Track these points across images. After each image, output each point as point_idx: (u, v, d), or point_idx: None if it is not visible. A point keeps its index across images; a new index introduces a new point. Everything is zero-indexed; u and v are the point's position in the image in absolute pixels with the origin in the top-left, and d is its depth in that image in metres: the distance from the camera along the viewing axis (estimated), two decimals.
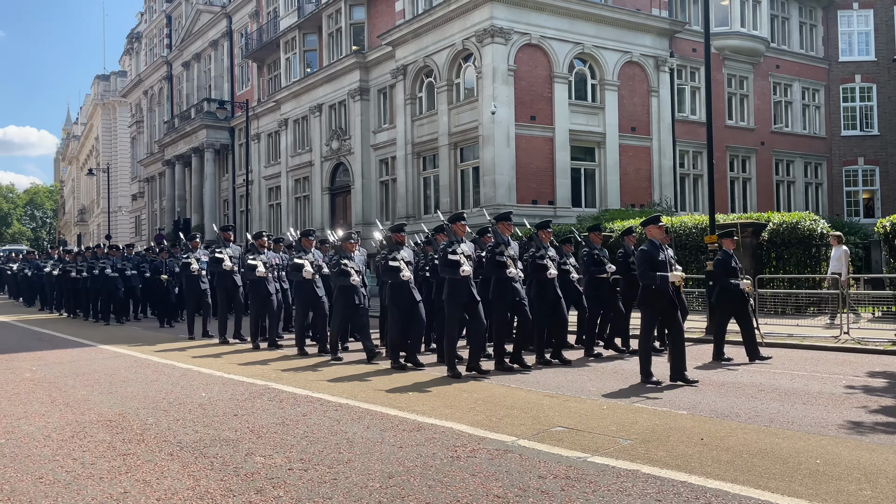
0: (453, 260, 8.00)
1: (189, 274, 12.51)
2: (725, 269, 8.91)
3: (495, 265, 8.26)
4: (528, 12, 20.22)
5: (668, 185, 22.71)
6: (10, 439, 5.44)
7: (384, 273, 9.16)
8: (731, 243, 9.19)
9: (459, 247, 8.11)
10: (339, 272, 9.33)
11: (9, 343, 12.31)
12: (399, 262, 8.65)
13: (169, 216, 39.75)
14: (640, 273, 7.37)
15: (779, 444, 4.99)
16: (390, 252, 8.85)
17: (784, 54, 26.76)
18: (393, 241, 9.02)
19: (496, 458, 4.70)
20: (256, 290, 10.92)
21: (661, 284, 7.25)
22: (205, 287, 12.64)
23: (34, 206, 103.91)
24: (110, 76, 62.07)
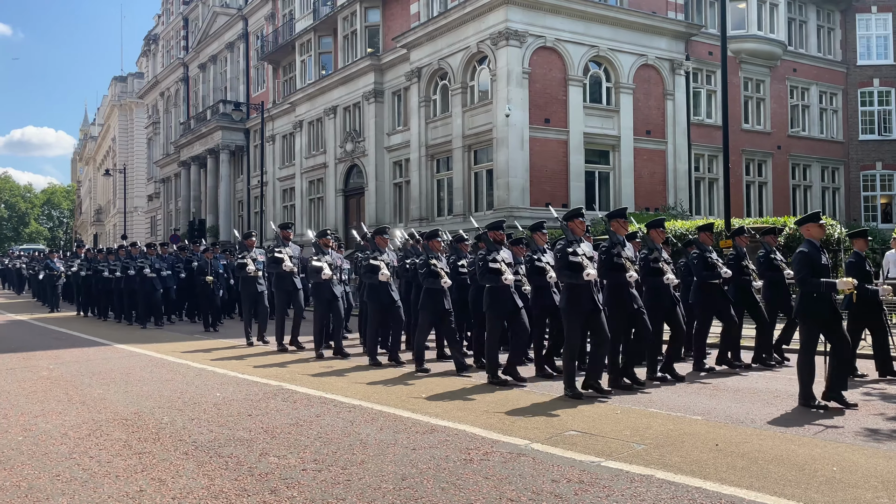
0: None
1: (245, 275, 11.55)
2: (860, 273, 7.72)
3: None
4: (543, 15, 20.20)
5: (683, 188, 22.59)
6: (28, 437, 5.50)
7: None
8: (864, 244, 8.08)
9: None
10: (429, 273, 8.57)
11: (26, 341, 12.44)
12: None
13: (184, 217, 40.04)
14: (801, 279, 6.42)
15: (795, 450, 4.95)
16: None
17: (801, 58, 26.55)
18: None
19: (509, 462, 4.70)
20: (320, 293, 9.96)
21: (827, 292, 6.34)
22: (261, 289, 11.72)
23: (51, 205, 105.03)
24: (127, 78, 62.66)
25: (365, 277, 9.32)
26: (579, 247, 7.02)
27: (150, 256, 15.18)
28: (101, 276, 16.63)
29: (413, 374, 8.37)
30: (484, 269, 7.75)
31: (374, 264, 9.04)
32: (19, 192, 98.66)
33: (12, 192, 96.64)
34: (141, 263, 14.89)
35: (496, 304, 7.65)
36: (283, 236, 11.05)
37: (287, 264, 10.55)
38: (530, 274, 8.12)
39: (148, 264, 14.86)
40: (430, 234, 9.04)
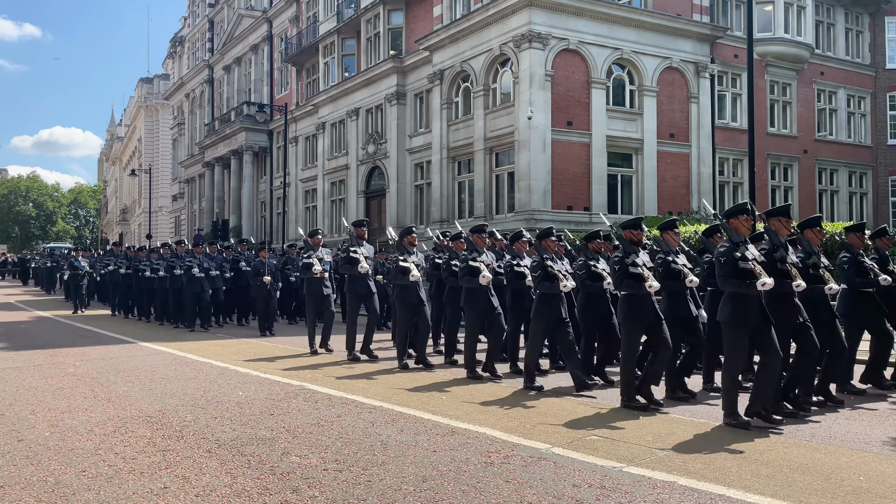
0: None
1: (310, 276, 10.63)
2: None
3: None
4: (566, 17, 20.13)
5: (707, 192, 22.36)
6: (55, 433, 5.59)
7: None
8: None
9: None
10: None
11: (53, 339, 12.64)
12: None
13: (208, 217, 40.45)
14: None
15: (820, 459, 4.88)
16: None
17: (829, 61, 26.17)
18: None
19: (530, 466, 4.68)
20: (407, 297, 9.11)
21: None
22: (328, 292, 10.79)
23: (78, 205, 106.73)
24: (154, 79, 63.50)
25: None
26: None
27: (198, 255, 14.35)
28: (141, 275, 16.01)
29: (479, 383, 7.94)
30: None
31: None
32: (47, 191, 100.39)
33: (40, 192, 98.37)
34: (189, 263, 14.09)
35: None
36: (358, 235, 10.08)
37: (363, 265, 9.55)
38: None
39: (196, 264, 14.04)
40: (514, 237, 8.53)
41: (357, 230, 10.17)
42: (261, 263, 13.76)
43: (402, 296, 9.12)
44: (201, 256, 14.38)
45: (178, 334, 13.26)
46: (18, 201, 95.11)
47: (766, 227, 6.31)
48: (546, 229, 8.00)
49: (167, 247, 16.36)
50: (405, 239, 9.30)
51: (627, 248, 6.76)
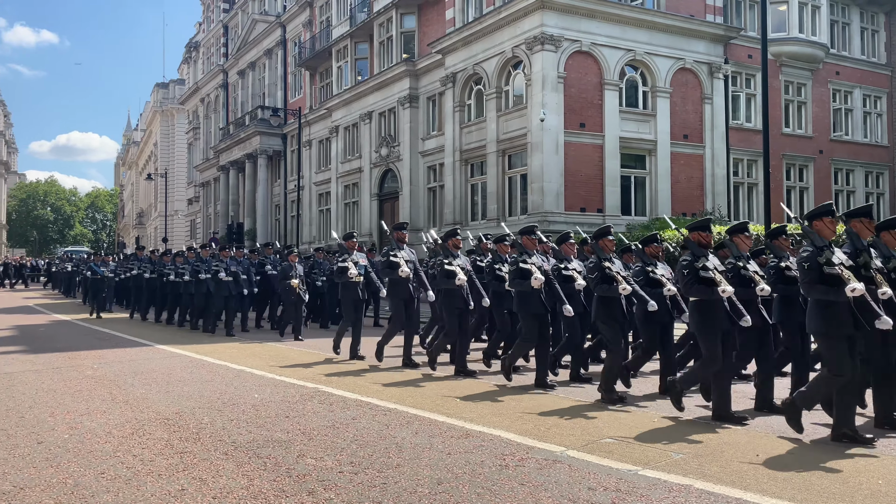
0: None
1: (345, 281, 10.18)
2: None
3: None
4: (578, 19, 20.11)
5: (721, 193, 22.24)
6: (74, 435, 5.66)
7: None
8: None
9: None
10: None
11: (71, 342, 12.78)
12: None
13: (223, 220, 40.73)
14: None
15: (839, 462, 4.85)
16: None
17: (844, 60, 25.96)
18: None
19: (545, 469, 4.68)
20: (452, 302, 8.76)
21: None
22: (364, 297, 10.53)
23: (95, 209, 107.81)
24: (169, 84, 64.10)
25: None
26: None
27: (225, 259, 14.02)
28: (166, 279, 15.73)
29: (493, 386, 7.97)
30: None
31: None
32: (65, 195, 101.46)
33: (58, 196, 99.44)
34: (216, 267, 13.74)
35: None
36: (398, 238, 9.65)
37: (404, 269, 9.13)
38: None
39: (223, 267, 13.70)
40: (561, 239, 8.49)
41: (397, 233, 9.74)
42: (289, 267, 13.38)
43: (448, 301, 8.74)
44: (228, 260, 14.08)
45: (194, 337, 13.35)
46: (37, 206, 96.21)
47: (847, 230, 5.84)
48: (603, 228, 7.63)
49: (192, 250, 15.97)
50: (450, 241, 8.97)
51: (696, 251, 6.25)
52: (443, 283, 8.73)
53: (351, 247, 10.55)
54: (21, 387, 7.90)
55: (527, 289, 7.52)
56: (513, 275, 7.78)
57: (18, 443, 5.42)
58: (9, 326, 15.78)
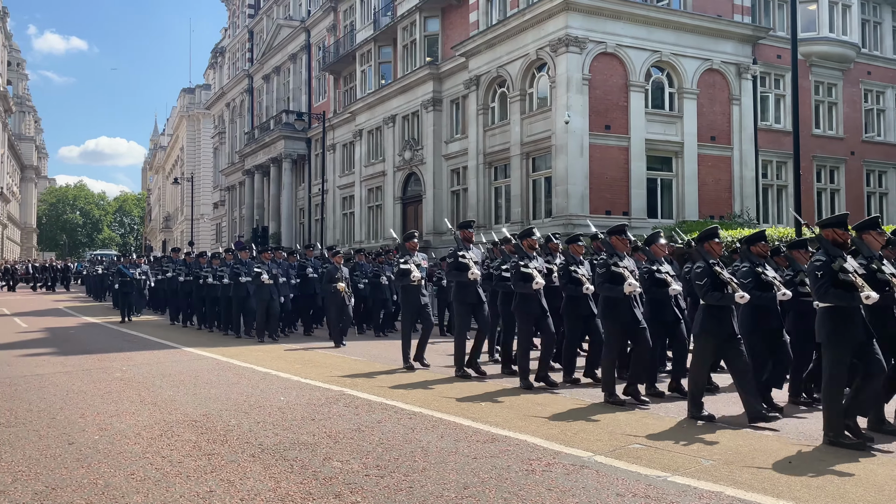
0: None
1: (407, 284, 9.54)
2: None
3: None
4: (604, 21, 19.97)
5: (750, 196, 21.93)
6: (104, 436, 5.73)
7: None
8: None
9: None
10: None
11: (101, 344, 12.96)
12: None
13: (248, 224, 41.11)
14: None
15: (873, 469, 4.73)
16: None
17: (876, 60, 25.47)
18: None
19: (572, 474, 4.63)
20: (529, 307, 8.14)
21: None
22: (425, 301, 9.78)
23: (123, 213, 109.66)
24: (195, 89, 64.96)
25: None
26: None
27: (266, 261, 13.39)
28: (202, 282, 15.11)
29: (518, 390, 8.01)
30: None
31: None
32: (93, 199, 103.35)
33: (87, 200, 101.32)
34: (258, 269, 13.14)
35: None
36: (465, 237, 9.01)
37: (474, 272, 8.46)
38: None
39: (265, 270, 13.10)
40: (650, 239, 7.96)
41: (463, 232, 9.05)
42: (335, 269, 12.63)
43: (524, 306, 8.13)
44: (268, 262, 13.41)
45: (221, 340, 13.46)
46: (66, 209, 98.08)
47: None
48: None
49: (230, 252, 15.24)
50: (525, 241, 8.34)
51: (832, 251, 5.65)
52: (519, 286, 8.08)
53: (412, 247, 9.71)
54: (52, 388, 8.02)
55: (619, 294, 6.97)
56: (602, 278, 7.13)
57: (50, 443, 5.50)
58: (40, 329, 16.07)
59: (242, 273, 13.57)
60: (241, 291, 13.60)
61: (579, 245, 8.40)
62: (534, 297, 8.02)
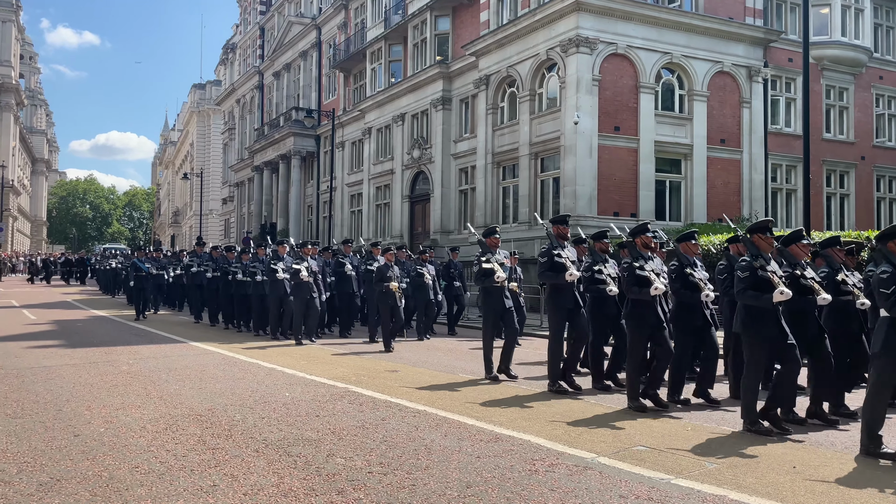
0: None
1: (491, 286, 8.48)
2: None
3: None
4: (615, 22, 19.92)
5: (759, 199, 21.84)
6: (109, 429, 5.76)
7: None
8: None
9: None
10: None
11: (108, 337, 13.03)
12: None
13: (256, 220, 41.25)
14: None
15: (878, 476, 4.71)
16: None
17: (888, 65, 25.31)
18: None
19: (575, 475, 4.63)
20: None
21: None
22: (509, 304, 8.75)
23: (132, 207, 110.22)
24: (206, 85, 65.19)
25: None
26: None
27: (306, 256, 12.34)
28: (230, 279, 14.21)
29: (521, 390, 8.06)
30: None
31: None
32: (103, 193, 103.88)
33: (97, 194, 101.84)
34: (296, 265, 12.11)
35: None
36: (491, 244, 8.55)
37: (573, 273, 7.60)
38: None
39: (304, 266, 12.07)
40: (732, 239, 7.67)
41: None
42: (386, 267, 11.74)
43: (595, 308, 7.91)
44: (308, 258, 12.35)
45: (228, 336, 13.50)
46: (76, 203, 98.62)
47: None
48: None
49: (262, 247, 14.40)
50: (597, 245, 8.08)
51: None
52: (594, 290, 7.82)
53: (493, 244, 8.66)
54: (59, 380, 8.07)
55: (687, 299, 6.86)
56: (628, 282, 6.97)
57: (56, 435, 5.53)
58: (48, 321, 16.16)
59: (279, 269, 12.45)
60: (278, 289, 12.47)
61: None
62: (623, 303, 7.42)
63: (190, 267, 17.19)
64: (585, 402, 7.13)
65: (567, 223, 8.06)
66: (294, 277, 12.09)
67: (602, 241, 8.18)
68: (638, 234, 7.11)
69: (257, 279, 13.22)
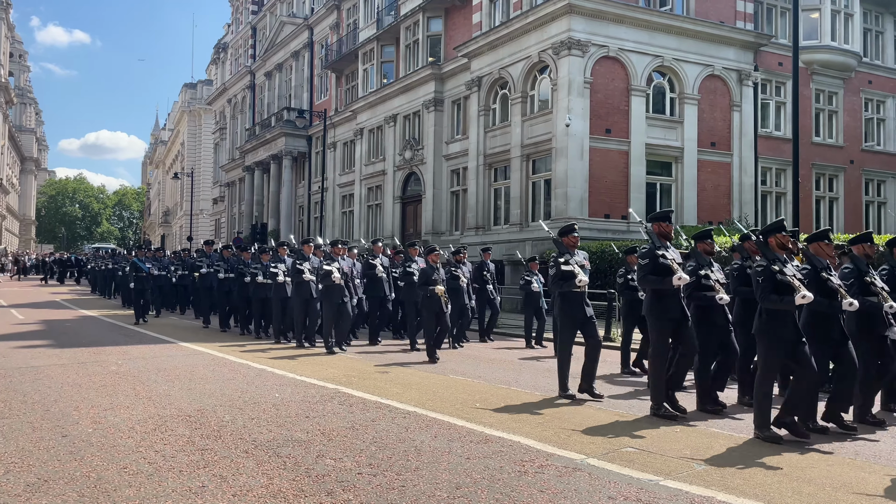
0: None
1: (570, 290, 7.37)
2: None
3: None
4: (606, 24, 20.01)
5: (749, 202, 21.98)
6: (98, 429, 5.73)
7: None
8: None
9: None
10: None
11: (97, 337, 12.96)
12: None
13: (247, 220, 41.13)
14: None
15: (864, 478, 4.74)
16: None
17: (877, 69, 25.54)
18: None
19: (565, 476, 4.64)
20: (713, 318, 6.98)
21: None
22: (590, 312, 7.59)
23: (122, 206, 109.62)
24: (197, 85, 64.93)
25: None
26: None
27: (337, 257, 11.32)
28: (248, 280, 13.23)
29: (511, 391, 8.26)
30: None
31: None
32: (93, 192, 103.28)
33: (86, 193, 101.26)
34: (327, 266, 10.97)
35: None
36: (569, 243, 7.60)
37: (682, 276, 6.56)
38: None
39: (336, 267, 11.01)
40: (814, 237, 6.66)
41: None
42: (431, 269, 10.54)
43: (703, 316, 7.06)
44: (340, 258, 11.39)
45: (217, 336, 13.45)
46: (65, 202, 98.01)
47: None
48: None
49: (284, 245, 13.29)
50: (700, 245, 7.25)
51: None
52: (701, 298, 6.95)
53: (571, 243, 7.63)
54: (47, 380, 8.02)
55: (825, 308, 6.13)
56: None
57: (43, 435, 5.50)
58: (36, 321, 16.06)
59: (306, 270, 11.47)
60: (303, 292, 11.54)
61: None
62: None
63: (199, 267, 16.13)
64: (576, 405, 7.15)
65: (670, 220, 6.89)
66: (324, 280, 11.03)
67: (706, 242, 7.20)
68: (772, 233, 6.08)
69: (279, 281, 12.16)
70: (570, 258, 7.42)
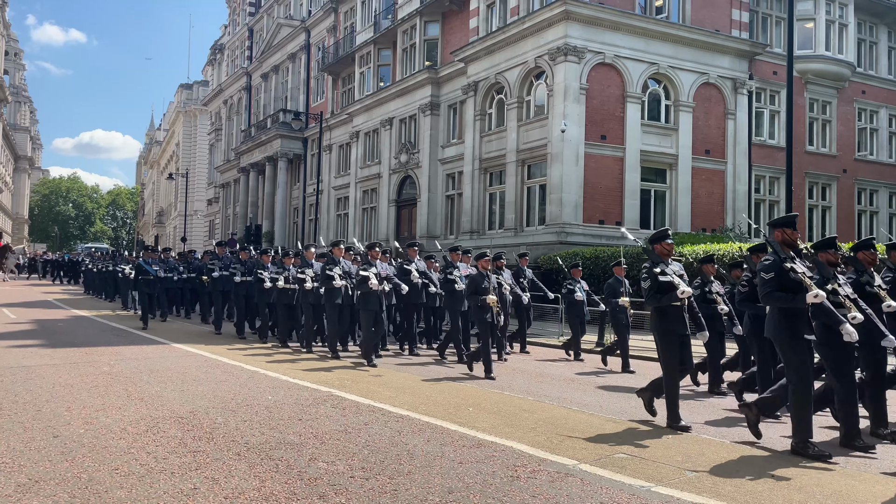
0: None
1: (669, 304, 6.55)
2: None
3: None
4: (603, 31, 20.09)
5: (742, 210, 22.07)
6: (89, 430, 5.71)
7: None
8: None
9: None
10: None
11: (89, 337, 12.89)
12: None
13: (241, 221, 41.05)
14: None
15: (854, 486, 4.77)
16: None
17: (871, 79, 25.71)
18: None
19: (557, 481, 4.65)
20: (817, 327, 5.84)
21: None
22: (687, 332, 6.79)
23: (116, 206, 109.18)
24: (193, 85, 64.82)
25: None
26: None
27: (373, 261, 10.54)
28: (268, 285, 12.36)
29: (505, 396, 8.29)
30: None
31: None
32: (87, 192, 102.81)
33: (80, 193, 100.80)
34: (365, 272, 10.20)
35: None
36: (662, 252, 6.76)
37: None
38: None
39: (373, 273, 10.22)
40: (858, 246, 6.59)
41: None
42: (481, 277, 9.58)
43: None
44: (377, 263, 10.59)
45: (209, 337, 13.39)
46: (59, 202, 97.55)
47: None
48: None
49: (309, 248, 12.67)
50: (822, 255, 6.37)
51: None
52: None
53: (665, 252, 6.77)
54: (38, 380, 7.99)
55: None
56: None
57: (35, 436, 5.48)
58: (28, 320, 15.98)
59: (336, 276, 10.70)
60: (334, 299, 10.79)
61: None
62: None
63: (211, 270, 15.15)
64: (569, 410, 7.16)
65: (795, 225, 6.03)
66: (361, 286, 10.27)
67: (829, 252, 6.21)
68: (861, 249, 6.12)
69: (307, 287, 11.53)
70: (665, 268, 6.59)
